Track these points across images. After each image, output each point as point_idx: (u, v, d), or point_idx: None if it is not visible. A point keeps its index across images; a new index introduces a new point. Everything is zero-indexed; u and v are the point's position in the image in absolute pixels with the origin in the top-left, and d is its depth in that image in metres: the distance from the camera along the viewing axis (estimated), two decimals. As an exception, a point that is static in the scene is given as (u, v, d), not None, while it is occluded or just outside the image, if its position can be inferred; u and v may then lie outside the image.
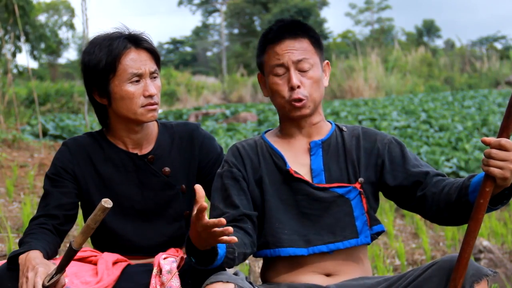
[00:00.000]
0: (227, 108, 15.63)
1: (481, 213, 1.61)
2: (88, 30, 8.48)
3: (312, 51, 1.90)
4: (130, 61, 1.92)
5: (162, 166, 2.03)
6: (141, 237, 2.02)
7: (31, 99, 13.22)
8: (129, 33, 1.97)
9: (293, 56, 1.86)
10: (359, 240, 1.87)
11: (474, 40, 42.73)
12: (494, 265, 3.60)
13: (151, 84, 1.94)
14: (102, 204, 1.51)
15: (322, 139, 1.93)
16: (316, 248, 1.84)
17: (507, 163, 1.57)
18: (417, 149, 8.56)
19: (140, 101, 1.93)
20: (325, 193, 1.87)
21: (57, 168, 2.00)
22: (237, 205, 1.84)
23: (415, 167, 1.88)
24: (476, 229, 1.62)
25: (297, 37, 1.88)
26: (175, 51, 50.86)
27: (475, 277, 1.61)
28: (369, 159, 1.92)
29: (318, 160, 1.91)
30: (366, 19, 47.61)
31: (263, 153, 1.94)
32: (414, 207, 1.89)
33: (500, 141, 1.57)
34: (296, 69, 1.86)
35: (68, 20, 32.47)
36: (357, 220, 1.87)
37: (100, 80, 1.93)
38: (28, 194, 5.08)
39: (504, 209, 5.65)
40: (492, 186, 1.60)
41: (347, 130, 1.97)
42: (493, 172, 1.58)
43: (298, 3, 24.50)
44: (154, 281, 1.81)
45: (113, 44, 1.91)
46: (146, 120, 1.96)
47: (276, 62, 1.87)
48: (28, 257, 1.72)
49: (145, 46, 1.96)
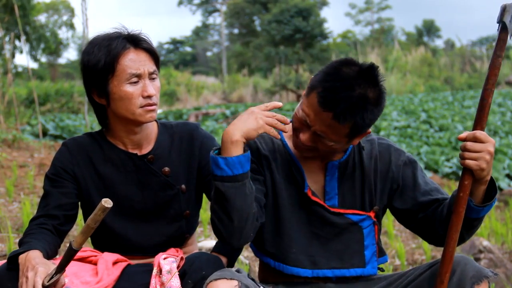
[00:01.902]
0: (227, 108, 15.63)
1: (461, 206, 1.63)
2: (88, 30, 8.49)
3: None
4: (129, 61, 1.91)
5: (162, 166, 2.03)
6: (141, 237, 2.02)
7: (31, 99, 13.22)
8: (128, 33, 1.97)
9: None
10: (365, 270, 1.84)
11: (474, 40, 42.80)
12: (494, 265, 3.59)
13: (150, 84, 1.93)
14: (102, 204, 1.51)
15: (339, 160, 1.84)
16: (321, 272, 1.82)
17: (482, 154, 1.60)
18: (417, 149, 8.56)
19: (139, 101, 1.92)
20: (339, 218, 1.83)
21: (57, 168, 2.00)
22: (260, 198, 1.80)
23: (425, 195, 1.83)
24: (458, 223, 1.64)
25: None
26: (175, 51, 50.88)
27: (475, 279, 1.61)
28: (384, 184, 1.87)
29: (333, 182, 1.84)
30: (366, 19, 47.60)
31: (282, 159, 1.86)
32: (414, 228, 1.87)
33: (475, 133, 1.61)
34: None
35: (68, 20, 32.45)
36: (367, 249, 1.85)
37: (99, 80, 1.92)
38: (28, 194, 5.08)
39: (504, 209, 5.65)
40: (470, 179, 1.63)
41: (366, 149, 1.88)
42: (469, 164, 1.61)
43: (298, 3, 24.47)
44: (154, 281, 1.80)
45: (112, 44, 1.91)
46: (145, 121, 1.96)
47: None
48: (28, 257, 1.72)
49: (144, 46, 1.95)
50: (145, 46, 1.95)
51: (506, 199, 6.00)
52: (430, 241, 1.85)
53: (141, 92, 1.92)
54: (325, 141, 1.71)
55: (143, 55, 1.94)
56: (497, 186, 1.70)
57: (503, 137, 10.13)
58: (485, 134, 1.61)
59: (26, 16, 10.66)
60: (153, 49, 1.97)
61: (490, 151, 1.60)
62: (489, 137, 1.62)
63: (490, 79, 1.62)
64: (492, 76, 1.61)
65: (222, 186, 1.64)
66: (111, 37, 1.93)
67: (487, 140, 1.61)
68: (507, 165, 7.69)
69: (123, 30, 1.97)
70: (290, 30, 24.12)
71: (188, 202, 2.06)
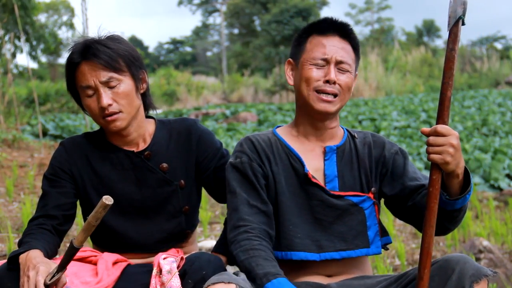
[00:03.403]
0: (227, 108, 15.63)
1: (433, 201, 1.64)
2: (88, 30, 8.48)
3: (353, 57, 1.90)
4: (81, 74, 1.92)
5: (159, 162, 2.03)
6: (140, 234, 2.02)
7: (31, 99, 13.22)
8: (86, 42, 1.93)
9: (338, 54, 1.85)
10: (370, 250, 1.87)
11: (474, 40, 42.72)
12: (494, 265, 3.60)
13: (105, 94, 1.90)
14: (103, 201, 1.51)
15: (337, 145, 1.92)
16: (328, 255, 1.83)
17: (445, 147, 1.61)
18: (417, 149, 8.56)
19: (98, 112, 1.93)
20: (339, 201, 1.86)
21: (55, 168, 2.00)
22: (266, 200, 1.84)
23: (413, 180, 1.88)
24: (431, 218, 1.64)
25: (345, 38, 1.89)
26: (175, 51, 50.89)
27: (474, 277, 1.61)
28: (377, 168, 1.93)
29: (332, 165, 1.89)
30: (366, 19, 47.58)
31: (279, 152, 1.91)
32: (406, 217, 1.90)
33: (436, 128, 1.63)
34: (336, 66, 1.85)
35: (68, 20, 32.44)
36: (369, 229, 1.87)
37: (73, 94, 2.01)
38: (28, 194, 5.08)
39: (504, 209, 5.65)
40: (438, 173, 1.64)
41: (358, 137, 1.96)
42: (434, 159, 1.62)
43: (298, 3, 24.45)
44: (154, 281, 1.80)
45: (69, 59, 1.94)
46: (111, 131, 1.96)
47: (320, 55, 1.85)
48: (29, 256, 1.72)
49: (96, 55, 1.89)
50: (97, 55, 1.89)
51: (506, 199, 6.00)
52: (420, 229, 1.86)
53: (98, 104, 1.92)
54: (344, 73, 1.86)
55: (96, 64, 1.90)
56: (471, 179, 1.71)
57: (503, 137, 10.12)
58: (447, 127, 1.62)
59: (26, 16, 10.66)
60: (109, 55, 1.90)
61: (453, 143, 1.61)
62: (452, 130, 1.62)
63: (446, 73, 1.64)
64: (447, 69, 1.64)
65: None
66: (72, 49, 1.94)
67: (448, 133, 1.62)
68: (507, 165, 7.69)
69: (88, 37, 1.96)
70: (290, 30, 24.10)
71: (187, 197, 2.06)
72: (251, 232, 1.77)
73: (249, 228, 1.78)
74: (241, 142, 1.92)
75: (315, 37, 1.89)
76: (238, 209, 1.82)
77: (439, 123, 1.64)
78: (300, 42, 1.92)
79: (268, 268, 1.68)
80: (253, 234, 1.77)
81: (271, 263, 1.71)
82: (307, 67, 1.86)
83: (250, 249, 1.74)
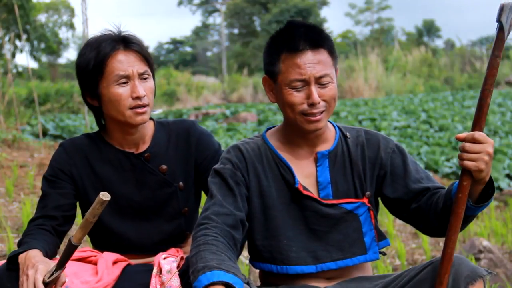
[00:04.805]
0: (227, 108, 15.63)
1: (460, 207, 1.63)
2: (88, 30, 8.48)
3: (330, 63, 1.78)
4: (117, 62, 1.90)
5: (159, 164, 2.03)
6: (140, 236, 2.02)
7: (31, 99, 13.22)
8: (119, 33, 1.96)
9: (315, 71, 1.73)
10: (367, 257, 1.85)
11: (474, 40, 42.78)
12: (494, 265, 3.59)
13: (140, 85, 1.92)
14: (100, 197, 1.51)
15: (328, 150, 1.86)
16: (325, 266, 1.82)
17: (481, 155, 1.59)
18: (417, 149, 8.56)
19: (128, 102, 1.91)
20: (333, 210, 1.83)
21: (54, 169, 2.00)
22: (241, 208, 1.78)
23: (416, 183, 1.84)
24: (457, 224, 1.63)
25: (318, 49, 1.76)
26: (175, 51, 50.87)
27: (469, 278, 1.59)
28: (373, 170, 1.88)
29: (325, 172, 1.85)
30: (366, 19, 47.63)
31: (269, 162, 1.85)
32: (407, 218, 1.88)
33: (474, 134, 1.60)
34: (316, 83, 1.75)
35: (68, 20, 32.46)
36: (366, 236, 1.85)
37: (90, 82, 1.93)
38: (28, 194, 5.08)
39: (504, 209, 5.65)
40: (469, 180, 1.62)
41: (351, 136, 1.89)
42: (468, 165, 1.60)
43: (298, 3, 24.48)
44: (154, 281, 1.80)
45: (101, 45, 1.91)
46: (135, 123, 1.94)
47: (297, 76, 1.74)
48: (28, 255, 1.72)
49: (134, 47, 1.93)
50: (135, 47, 1.94)
51: (506, 199, 6.00)
52: (424, 231, 1.86)
53: (130, 93, 1.91)
54: (326, 85, 1.76)
55: (133, 56, 1.93)
56: (495, 186, 1.70)
57: (503, 137, 10.12)
58: (484, 135, 1.60)
59: (26, 15, 10.66)
60: (144, 50, 1.96)
61: (489, 152, 1.59)
62: (488, 138, 1.60)
63: (488, 80, 1.60)
64: (490, 76, 1.60)
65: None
66: (102, 38, 1.94)
67: (486, 141, 1.59)
68: (507, 165, 7.69)
69: (115, 30, 1.97)
70: (290, 30, 24.06)
71: (186, 199, 2.06)
72: (211, 229, 1.69)
73: (210, 225, 1.70)
74: (229, 149, 1.87)
75: (287, 57, 1.76)
76: (208, 209, 1.75)
77: (475, 129, 1.61)
78: (272, 61, 1.80)
79: (212, 261, 1.55)
80: (211, 231, 1.68)
81: (218, 257, 1.58)
82: (287, 91, 1.76)
83: (202, 244, 1.63)
